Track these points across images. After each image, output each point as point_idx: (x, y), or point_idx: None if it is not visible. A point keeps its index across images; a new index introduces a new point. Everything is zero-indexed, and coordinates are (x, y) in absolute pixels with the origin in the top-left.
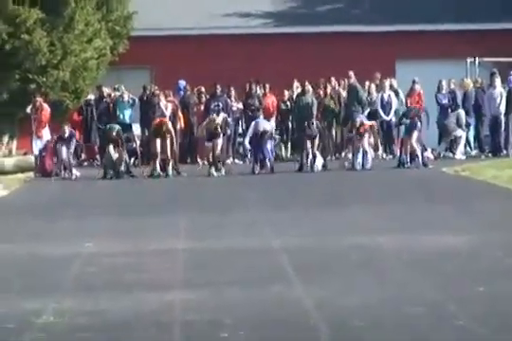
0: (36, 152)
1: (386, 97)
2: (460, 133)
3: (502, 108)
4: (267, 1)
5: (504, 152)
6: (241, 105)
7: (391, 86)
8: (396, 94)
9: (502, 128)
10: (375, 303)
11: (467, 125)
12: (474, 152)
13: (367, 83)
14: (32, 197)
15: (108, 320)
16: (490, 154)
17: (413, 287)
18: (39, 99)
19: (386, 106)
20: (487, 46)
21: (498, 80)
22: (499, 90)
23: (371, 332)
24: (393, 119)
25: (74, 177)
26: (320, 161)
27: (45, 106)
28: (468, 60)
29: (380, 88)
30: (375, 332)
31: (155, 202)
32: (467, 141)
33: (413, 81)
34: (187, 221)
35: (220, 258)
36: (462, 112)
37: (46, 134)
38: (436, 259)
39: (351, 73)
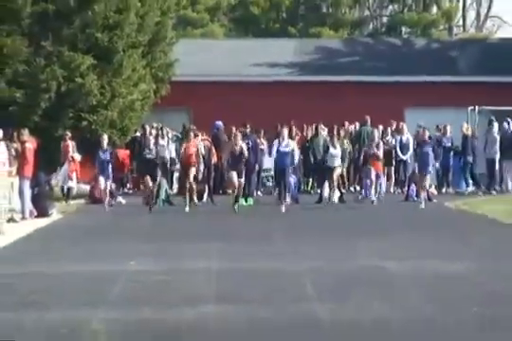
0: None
1: (404, 139)
2: None
3: (497, 151)
4: (291, 52)
5: (498, 188)
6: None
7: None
8: None
9: (497, 168)
10: (382, 315)
11: (468, 164)
12: (471, 189)
13: (380, 127)
14: (83, 221)
15: (151, 329)
16: (485, 191)
17: (413, 304)
18: (68, 135)
19: (404, 147)
20: (487, 96)
21: (495, 127)
22: (495, 135)
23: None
24: (409, 160)
25: (113, 204)
26: (336, 194)
27: (68, 142)
28: (469, 108)
29: (397, 131)
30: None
31: (190, 229)
32: (465, 179)
33: (418, 126)
34: (218, 246)
35: (249, 277)
36: None
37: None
38: (437, 282)
39: (367, 117)
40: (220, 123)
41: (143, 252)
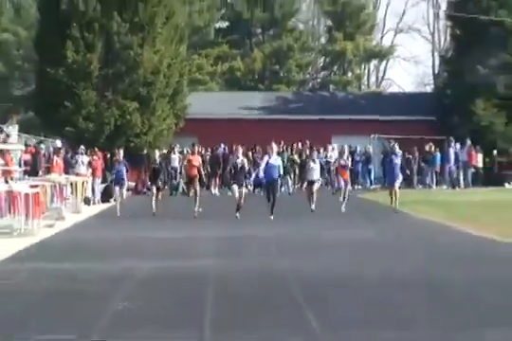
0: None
1: (329, 156)
2: None
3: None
4: (260, 100)
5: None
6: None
7: (332, 149)
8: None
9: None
10: (318, 264)
11: (371, 170)
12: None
13: (321, 149)
14: (131, 206)
15: (176, 273)
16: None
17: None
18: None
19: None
20: (383, 128)
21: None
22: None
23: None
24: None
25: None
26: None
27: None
28: (372, 136)
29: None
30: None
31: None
32: (370, 179)
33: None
34: (217, 227)
35: (236, 241)
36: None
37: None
38: (350, 243)
39: (307, 141)
40: (223, 145)
41: (169, 226)
